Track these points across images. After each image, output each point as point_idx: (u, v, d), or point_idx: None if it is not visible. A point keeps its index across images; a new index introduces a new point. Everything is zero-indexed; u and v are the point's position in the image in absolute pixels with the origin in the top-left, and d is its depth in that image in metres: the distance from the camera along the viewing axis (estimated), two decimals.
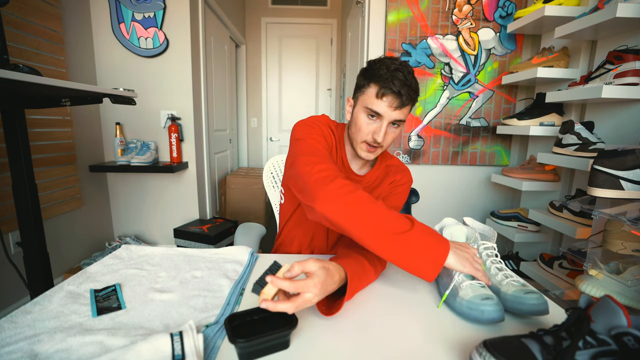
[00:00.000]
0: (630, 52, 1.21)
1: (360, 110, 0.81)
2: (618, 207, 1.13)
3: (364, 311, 0.60)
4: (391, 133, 0.81)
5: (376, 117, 0.79)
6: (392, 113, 0.77)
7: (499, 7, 1.93)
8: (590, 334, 0.39)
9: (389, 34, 1.94)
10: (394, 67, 0.76)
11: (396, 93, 0.75)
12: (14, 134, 1.07)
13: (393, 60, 0.78)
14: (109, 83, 2.06)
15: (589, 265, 1.17)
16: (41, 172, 1.61)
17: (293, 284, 0.51)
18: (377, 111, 0.78)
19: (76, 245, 1.92)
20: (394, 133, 0.82)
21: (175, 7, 2.02)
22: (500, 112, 2.03)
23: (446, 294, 0.62)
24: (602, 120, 1.44)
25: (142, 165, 1.96)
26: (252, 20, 3.67)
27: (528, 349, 0.41)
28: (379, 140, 0.79)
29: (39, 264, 1.15)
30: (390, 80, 0.75)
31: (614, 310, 0.38)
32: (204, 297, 0.63)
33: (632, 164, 1.05)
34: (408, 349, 0.50)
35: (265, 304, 0.48)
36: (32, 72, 0.92)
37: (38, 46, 1.59)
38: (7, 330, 0.50)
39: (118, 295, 0.62)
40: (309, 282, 0.52)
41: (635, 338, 0.36)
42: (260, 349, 0.47)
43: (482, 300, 0.56)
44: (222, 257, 0.81)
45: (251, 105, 3.82)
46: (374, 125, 0.80)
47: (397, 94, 0.75)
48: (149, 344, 0.45)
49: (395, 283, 0.72)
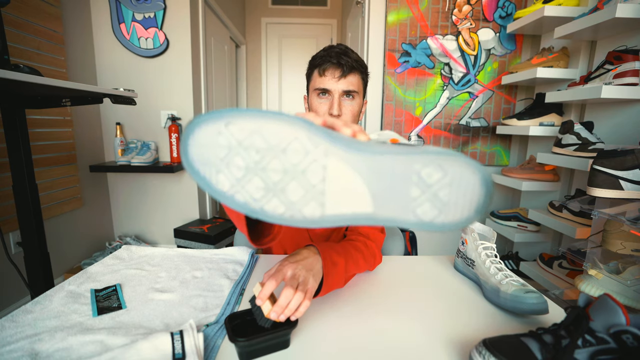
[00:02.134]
0: (630, 53, 1.21)
1: (312, 96, 0.83)
2: (617, 207, 1.13)
3: (363, 310, 0.60)
4: (348, 105, 0.80)
5: (326, 94, 0.80)
6: (338, 84, 0.78)
7: (498, 8, 1.93)
8: (589, 333, 0.39)
9: (388, 34, 1.95)
10: (329, 46, 0.81)
11: (335, 63, 0.77)
12: (15, 133, 1.08)
13: (331, 45, 0.82)
14: (109, 83, 2.06)
15: (588, 265, 1.17)
16: (42, 172, 1.61)
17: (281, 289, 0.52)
18: (324, 87, 0.79)
19: (76, 245, 1.92)
20: (352, 106, 0.80)
21: (176, 8, 2.02)
22: (500, 112, 2.04)
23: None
24: (602, 120, 1.44)
25: (142, 165, 1.96)
26: (252, 20, 3.67)
27: (527, 348, 0.42)
28: (334, 113, 0.78)
29: (39, 263, 1.15)
30: (327, 56, 0.78)
31: (612, 309, 0.38)
32: (204, 297, 0.63)
33: (632, 164, 1.06)
34: (408, 348, 0.50)
35: (274, 314, 0.48)
36: (33, 72, 0.92)
37: (38, 46, 1.59)
38: (8, 329, 0.50)
39: (118, 295, 0.63)
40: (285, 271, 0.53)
41: (634, 336, 0.36)
42: (260, 348, 0.47)
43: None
44: (222, 257, 0.81)
45: (251, 105, 3.83)
46: (326, 103, 0.80)
47: (336, 64, 0.77)
48: (150, 343, 0.45)
49: (395, 282, 0.72)
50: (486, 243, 0.71)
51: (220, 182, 0.33)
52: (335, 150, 0.31)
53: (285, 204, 0.33)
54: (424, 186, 0.30)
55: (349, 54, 0.78)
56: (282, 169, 0.32)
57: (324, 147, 0.31)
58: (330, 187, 0.32)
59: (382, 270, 0.78)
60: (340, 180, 0.32)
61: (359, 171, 0.31)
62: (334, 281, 0.62)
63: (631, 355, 0.36)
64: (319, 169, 0.32)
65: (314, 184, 0.32)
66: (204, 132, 0.32)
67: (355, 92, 0.79)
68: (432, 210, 0.31)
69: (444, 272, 0.78)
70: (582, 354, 0.38)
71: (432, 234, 2.18)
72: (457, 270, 0.79)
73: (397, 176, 0.31)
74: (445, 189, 0.30)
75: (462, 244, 0.76)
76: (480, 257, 0.69)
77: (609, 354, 0.37)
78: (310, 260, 0.58)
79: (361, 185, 0.32)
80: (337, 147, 0.31)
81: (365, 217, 0.32)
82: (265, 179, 0.32)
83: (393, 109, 2.02)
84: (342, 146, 0.31)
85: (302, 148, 0.31)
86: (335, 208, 0.32)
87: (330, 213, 0.33)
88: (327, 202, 0.32)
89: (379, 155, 0.31)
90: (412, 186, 0.31)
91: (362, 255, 0.72)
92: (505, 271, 0.66)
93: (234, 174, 0.32)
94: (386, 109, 2.02)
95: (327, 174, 0.32)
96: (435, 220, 0.31)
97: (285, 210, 0.33)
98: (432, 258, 0.86)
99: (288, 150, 0.32)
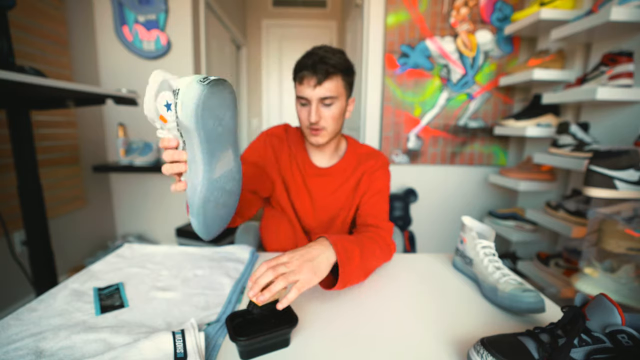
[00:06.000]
0: (624, 55, 1.23)
1: (296, 103, 0.85)
2: (612, 207, 1.15)
3: (362, 309, 0.61)
4: (326, 111, 0.81)
5: (306, 102, 0.82)
6: (315, 92, 0.79)
7: (495, 10, 1.95)
8: (586, 332, 0.39)
9: (387, 36, 1.96)
10: (309, 52, 0.81)
11: (310, 71, 0.78)
12: (20, 134, 1.09)
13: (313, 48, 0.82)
14: (112, 84, 2.08)
15: (584, 263, 1.19)
16: (46, 172, 1.63)
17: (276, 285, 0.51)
18: (302, 95, 0.81)
19: (80, 244, 1.94)
20: (331, 111, 0.82)
21: (178, 10, 2.04)
22: (498, 113, 2.05)
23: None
24: (597, 121, 1.45)
25: (144, 165, 1.98)
26: (252, 22, 3.69)
27: (524, 347, 0.42)
28: (312, 121, 0.81)
29: (43, 262, 1.17)
30: (303, 64, 0.79)
31: (608, 308, 0.39)
32: (205, 295, 0.63)
33: (626, 164, 1.07)
34: (407, 347, 0.50)
35: (252, 292, 0.50)
36: (37, 74, 0.94)
37: (43, 48, 1.62)
38: (14, 327, 0.51)
39: (121, 293, 0.63)
40: (287, 274, 0.52)
41: (629, 336, 0.37)
42: (261, 347, 0.47)
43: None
44: (223, 255, 0.82)
45: (252, 106, 3.85)
46: (307, 110, 0.82)
47: (311, 72, 0.77)
48: (152, 342, 0.45)
49: (393, 280, 0.72)
50: (485, 242, 0.70)
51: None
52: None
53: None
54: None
55: (326, 59, 0.78)
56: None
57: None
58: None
59: (380, 268, 0.78)
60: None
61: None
62: (352, 271, 0.61)
63: (626, 354, 0.36)
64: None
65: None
66: None
67: (333, 98, 0.81)
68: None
69: (442, 270, 0.78)
70: (578, 353, 0.39)
71: (432, 233, 2.20)
72: (455, 269, 0.79)
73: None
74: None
75: (460, 242, 0.76)
76: (479, 255, 0.69)
77: (604, 353, 0.37)
78: (313, 251, 0.57)
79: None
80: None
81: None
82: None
83: (392, 110, 2.04)
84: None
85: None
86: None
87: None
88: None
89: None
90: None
91: (377, 246, 0.71)
92: (503, 270, 0.65)
93: None
94: (385, 110, 2.04)
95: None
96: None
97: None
98: (431, 256, 0.87)
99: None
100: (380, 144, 2.09)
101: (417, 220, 2.16)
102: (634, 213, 1.08)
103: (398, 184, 2.13)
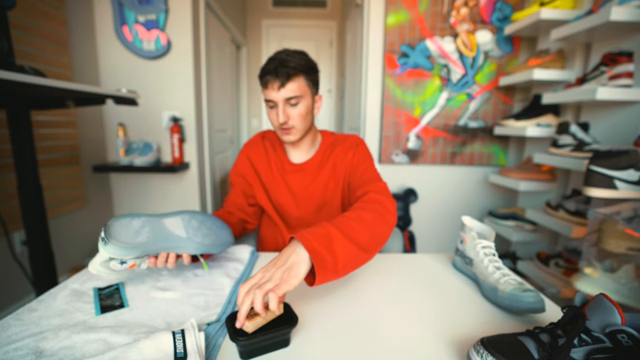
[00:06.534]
0: (624, 55, 1.23)
1: (266, 107, 0.90)
2: (612, 207, 1.15)
3: (362, 308, 0.61)
4: (293, 111, 0.86)
5: (274, 104, 0.87)
6: (279, 94, 0.84)
7: (495, 10, 1.95)
8: (585, 332, 0.39)
9: (387, 36, 1.96)
10: (270, 57, 0.85)
11: (273, 75, 0.82)
12: (20, 134, 1.09)
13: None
14: (112, 84, 2.08)
15: (584, 263, 1.19)
16: (46, 172, 1.63)
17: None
18: (269, 98, 0.86)
19: (80, 244, 1.94)
20: (297, 110, 0.86)
21: (178, 10, 2.04)
22: (498, 113, 2.05)
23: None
24: (597, 121, 1.46)
25: (144, 165, 1.98)
26: (253, 22, 3.69)
27: (524, 347, 0.42)
28: (280, 121, 0.86)
29: (43, 262, 1.17)
30: (266, 69, 0.84)
31: (608, 308, 0.39)
32: (205, 295, 0.63)
33: (626, 164, 1.07)
34: (406, 347, 0.50)
35: (238, 323, 0.48)
36: (37, 74, 0.94)
37: (43, 48, 1.62)
38: (14, 327, 0.51)
39: (121, 293, 0.63)
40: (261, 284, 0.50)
41: (629, 336, 0.37)
42: (261, 347, 0.47)
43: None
44: (223, 255, 0.82)
45: (252, 106, 3.85)
46: (275, 112, 0.87)
47: (274, 75, 0.82)
48: (152, 342, 0.45)
49: (393, 280, 0.73)
50: (485, 242, 0.70)
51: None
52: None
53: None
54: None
55: (286, 62, 0.82)
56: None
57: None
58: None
59: (380, 268, 0.78)
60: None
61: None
62: (329, 255, 0.54)
63: (626, 354, 0.36)
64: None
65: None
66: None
67: (298, 97, 0.85)
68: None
69: (442, 270, 0.78)
70: (578, 353, 0.39)
71: (432, 233, 2.20)
72: (455, 269, 0.79)
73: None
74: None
75: (460, 242, 0.76)
76: (479, 255, 0.69)
77: (604, 353, 0.37)
78: (282, 256, 0.54)
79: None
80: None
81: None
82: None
83: (392, 110, 2.04)
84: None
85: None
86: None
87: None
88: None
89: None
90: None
91: (365, 211, 0.66)
92: (504, 270, 0.65)
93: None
94: (385, 110, 2.04)
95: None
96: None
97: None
98: (431, 256, 0.87)
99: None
100: (380, 144, 2.09)
101: (417, 220, 2.16)
102: (634, 213, 1.08)
103: (398, 184, 2.13)
